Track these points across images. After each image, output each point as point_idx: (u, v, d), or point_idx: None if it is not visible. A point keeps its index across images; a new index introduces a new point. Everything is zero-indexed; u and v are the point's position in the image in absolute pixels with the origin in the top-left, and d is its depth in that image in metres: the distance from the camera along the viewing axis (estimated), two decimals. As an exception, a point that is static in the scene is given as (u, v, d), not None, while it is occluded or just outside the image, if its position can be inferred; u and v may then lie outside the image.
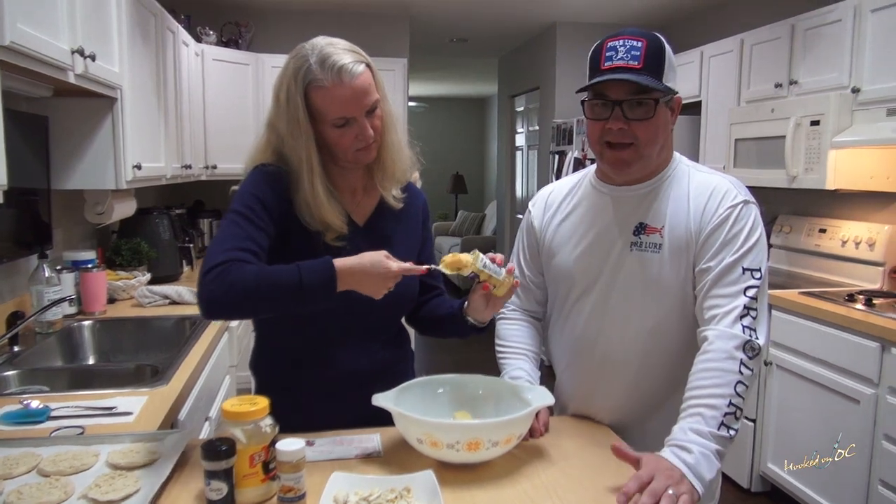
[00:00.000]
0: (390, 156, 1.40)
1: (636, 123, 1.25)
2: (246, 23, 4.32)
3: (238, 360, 2.68)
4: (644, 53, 1.23)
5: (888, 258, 2.99)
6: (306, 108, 1.28)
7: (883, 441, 2.35)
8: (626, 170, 1.31)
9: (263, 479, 1.06)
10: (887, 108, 2.67)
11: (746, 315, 1.21)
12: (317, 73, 1.26)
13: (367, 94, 1.28)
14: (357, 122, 1.29)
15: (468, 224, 9.40)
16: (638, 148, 1.27)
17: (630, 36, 1.25)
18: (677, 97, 1.30)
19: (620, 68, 1.23)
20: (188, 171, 3.35)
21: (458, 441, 1.12)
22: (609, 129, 1.27)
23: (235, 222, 1.26)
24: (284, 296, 1.18)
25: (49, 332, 2.11)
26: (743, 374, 1.18)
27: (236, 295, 1.17)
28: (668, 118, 1.30)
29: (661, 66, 1.25)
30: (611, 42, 1.26)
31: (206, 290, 1.18)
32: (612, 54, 1.25)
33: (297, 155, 1.30)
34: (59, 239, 2.49)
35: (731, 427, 1.15)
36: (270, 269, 1.20)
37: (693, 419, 1.15)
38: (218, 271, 1.17)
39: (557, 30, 5.04)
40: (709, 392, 1.17)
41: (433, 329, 1.52)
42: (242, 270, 1.18)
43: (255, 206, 1.28)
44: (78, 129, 2.27)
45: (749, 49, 3.47)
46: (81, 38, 1.87)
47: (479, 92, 9.85)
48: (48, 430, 1.34)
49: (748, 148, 3.36)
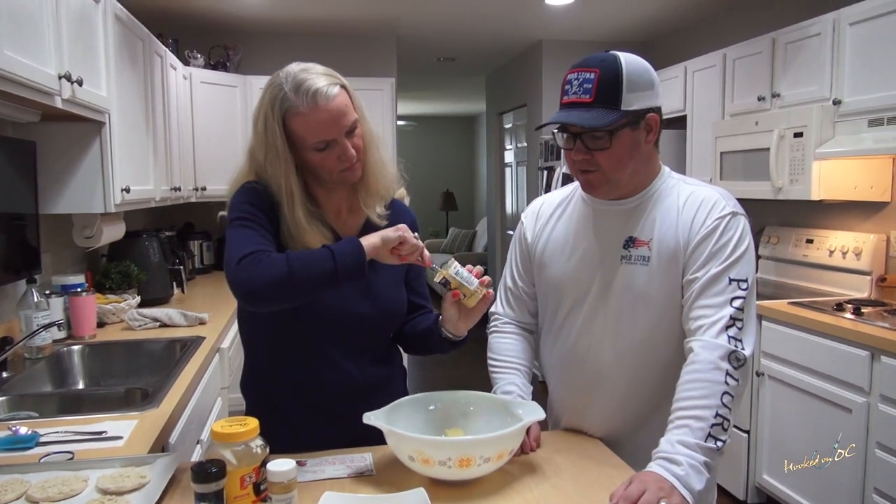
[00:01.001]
0: (372, 174, 1.41)
1: (598, 153, 1.29)
2: (234, 45, 4.34)
3: (230, 382, 2.66)
4: (596, 86, 1.25)
5: (874, 267, 3.02)
6: (285, 135, 1.29)
7: (876, 449, 2.36)
8: (595, 193, 1.36)
9: (255, 500, 1.06)
10: (868, 119, 2.72)
11: (732, 325, 1.22)
12: (293, 99, 1.27)
13: (344, 116, 1.30)
14: (338, 143, 1.30)
15: (459, 241, 9.42)
16: (603, 173, 1.31)
17: (584, 68, 1.27)
18: (651, 116, 1.30)
19: (574, 103, 1.27)
20: (177, 193, 3.35)
21: (450, 458, 1.12)
22: (574, 159, 1.32)
23: (246, 226, 1.27)
24: (321, 278, 1.19)
25: (38, 357, 2.10)
26: (729, 384, 1.19)
27: (273, 278, 1.17)
28: (639, 140, 1.30)
29: (618, 94, 1.25)
30: (570, 74, 1.29)
31: (245, 278, 1.18)
32: (569, 88, 1.28)
33: (276, 182, 1.31)
34: (47, 263, 2.48)
35: (719, 438, 1.16)
36: (301, 252, 1.22)
37: (680, 431, 1.16)
38: (249, 259, 1.18)
39: (543, 47, 5.09)
40: (695, 403, 1.17)
41: (415, 346, 1.52)
42: (273, 257, 1.20)
43: (256, 213, 1.30)
44: (66, 154, 2.28)
45: (732, 63, 3.52)
46: (68, 64, 1.88)
47: (468, 110, 9.92)
48: (37, 455, 1.33)
49: (734, 160, 3.40)
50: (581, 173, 1.34)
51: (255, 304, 1.22)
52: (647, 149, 1.33)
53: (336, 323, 1.35)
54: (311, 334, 1.35)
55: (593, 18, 4.46)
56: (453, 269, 1.28)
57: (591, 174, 1.32)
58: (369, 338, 1.43)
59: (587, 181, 1.34)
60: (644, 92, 1.28)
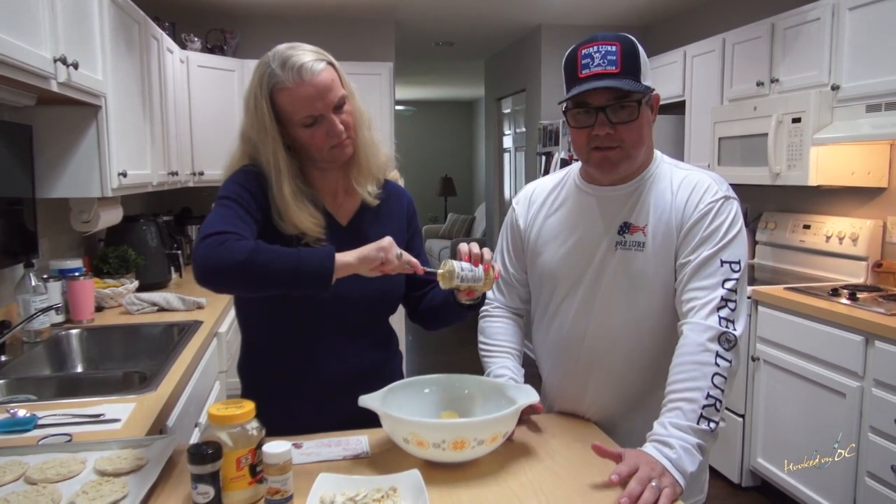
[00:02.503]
0: (364, 153, 1.41)
1: (622, 126, 1.27)
2: (231, 29, 4.32)
3: (227, 366, 2.68)
4: (620, 57, 1.24)
5: (871, 252, 3.03)
6: (273, 112, 1.30)
7: (869, 433, 2.38)
8: (614, 170, 1.32)
9: (250, 482, 1.07)
10: (866, 105, 2.71)
11: (724, 307, 1.23)
12: (279, 75, 1.28)
13: (330, 91, 1.30)
14: (325, 119, 1.30)
15: (458, 226, 9.42)
16: (625, 149, 1.29)
17: (603, 41, 1.26)
18: (655, 95, 1.32)
19: (600, 75, 1.24)
20: (175, 178, 3.34)
21: (444, 440, 1.13)
22: (596, 135, 1.28)
23: (227, 206, 1.26)
24: (279, 275, 1.16)
25: (36, 340, 2.11)
26: (720, 365, 1.19)
27: (231, 262, 1.14)
28: (650, 117, 1.32)
29: (638, 67, 1.26)
30: (585, 49, 1.27)
31: (202, 255, 1.15)
32: (589, 61, 1.25)
33: (265, 158, 1.32)
34: (45, 248, 2.48)
35: (712, 419, 1.17)
36: (269, 247, 1.18)
37: (672, 413, 1.17)
38: (215, 238, 1.16)
39: (542, 32, 5.06)
40: (686, 386, 1.18)
41: (434, 320, 1.51)
42: (240, 242, 1.17)
43: (242, 194, 1.29)
44: (62, 138, 2.27)
45: (731, 48, 3.51)
46: (64, 47, 1.87)
47: (466, 95, 9.87)
48: (35, 438, 1.34)
49: (732, 146, 3.39)
50: (599, 151, 1.29)
51: (206, 283, 1.18)
52: (650, 129, 1.34)
53: (333, 305, 1.35)
54: (307, 317, 1.36)
55: (592, 3, 4.43)
56: (458, 278, 1.25)
57: (613, 151, 1.29)
58: (367, 320, 1.44)
59: (606, 159, 1.30)
60: (649, 71, 1.31)
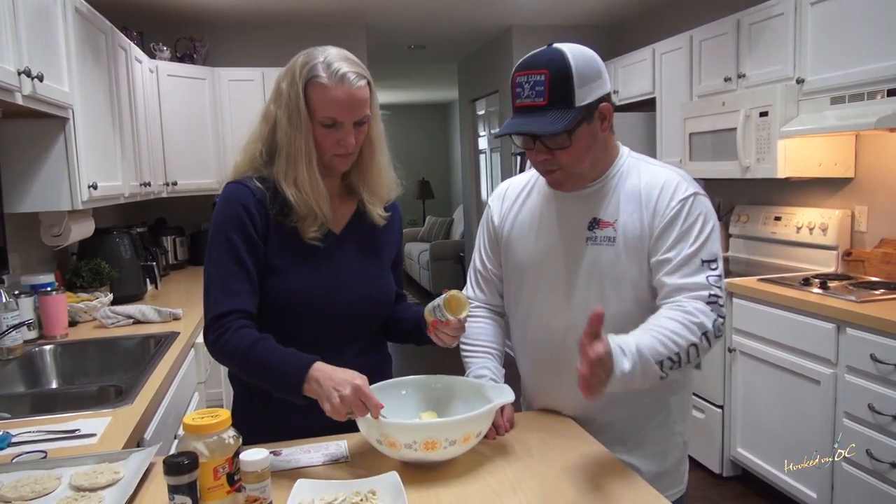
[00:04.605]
0: (381, 177, 1.44)
1: (558, 152, 1.30)
2: (200, 37, 4.29)
3: (206, 377, 2.65)
4: (548, 87, 1.25)
5: (840, 242, 3.09)
6: (306, 101, 1.32)
7: (844, 419, 2.42)
8: (561, 188, 1.38)
9: (229, 490, 1.06)
10: (830, 97, 2.76)
11: (715, 303, 1.26)
12: (321, 71, 1.30)
13: (360, 105, 1.32)
14: (343, 127, 1.32)
15: (436, 229, 9.43)
16: (566, 170, 1.33)
17: (531, 70, 1.27)
18: (603, 105, 1.30)
19: (527, 107, 1.27)
20: (147, 188, 3.31)
21: (415, 441, 1.14)
22: (535, 160, 1.33)
23: (224, 261, 1.31)
24: (261, 380, 1.29)
25: (9, 357, 2.07)
26: (701, 345, 1.22)
27: (229, 358, 1.30)
28: (595, 130, 1.31)
29: (570, 92, 1.25)
30: (518, 77, 1.29)
31: (210, 343, 1.31)
32: (521, 91, 1.28)
33: (295, 144, 1.32)
34: (15, 263, 2.45)
35: (665, 371, 1.18)
36: (257, 356, 1.26)
37: (646, 337, 1.17)
38: (221, 325, 1.28)
39: (513, 33, 5.10)
40: (668, 335, 1.19)
41: (398, 336, 1.52)
42: (238, 337, 1.27)
43: (234, 243, 1.31)
44: (29, 151, 2.24)
45: (698, 45, 3.56)
46: (27, 59, 1.84)
47: (441, 97, 9.90)
48: (9, 456, 1.32)
49: (703, 141, 3.44)
50: (545, 173, 1.36)
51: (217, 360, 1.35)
52: (604, 136, 1.34)
53: (321, 313, 1.36)
54: (296, 326, 1.36)
55: (562, 3, 4.46)
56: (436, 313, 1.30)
57: (555, 173, 1.33)
58: (357, 328, 1.43)
59: (553, 180, 1.36)
60: (594, 83, 1.28)
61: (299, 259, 1.35)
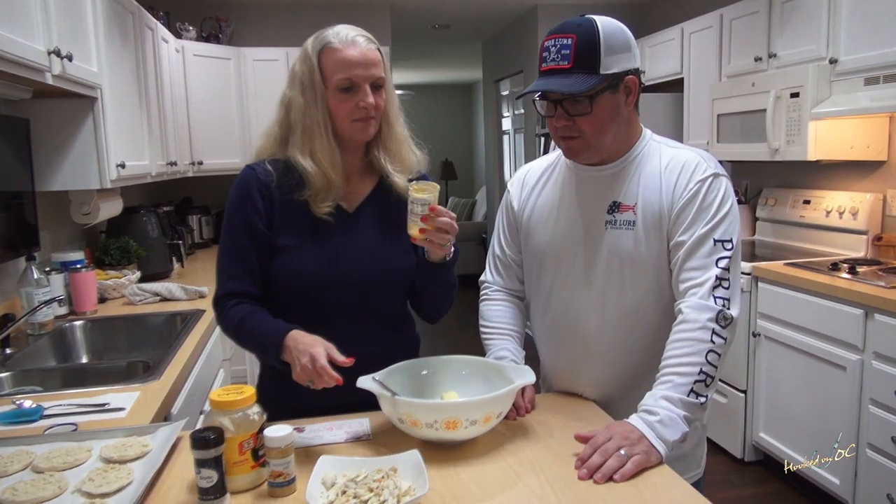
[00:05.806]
0: (402, 147, 1.45)
1: (579, 118, 1.29)
2: (226, 17, 4.30)
3: (231, 354, 2.70)
4: (573, 51, 1.24)
5: (871, 226, 3.03)
6: (319, 71, 1.34)
7: (869, 405, 2.39)
8: (576, 159, 1.37)
9: (253, 465, 1.09)
10: (864, 78, 2.70)
11: (719, 286, 1.24)
12: (331, 38, 1.34)
13: (374, 65, 1.34)
14: (360, 89, 1.33)
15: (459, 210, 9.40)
16: (585, 139, 1.31)
17: (560, 34, 1.27)
18: (630, 78, 1.30)
19: (551, 70, 1.27)
20: (174, 168, 3.35)
21: (437, 420, 1.15)
22: (555, 126, 1.32)
23: (227, 246, 1.38)
24: (255, 353, 1.38)
25: (41, 333, 2.12)
26: (715, 342, 1.21)
27: (227, 332, 1.39)
28: (619, 102, 1.30)
29: (596, 58, 1.25)
30: (546, 41, 1.29)
31: (216, 314, 1.40)
32: (547, 55, 1.28)
33: (311, 116, 1.34)
34: (46, 241, 2.50)
35: (701, 394, 1.19)
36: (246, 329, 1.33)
37: (664, 387, 1.19)
38: (220, 303, 1.37)
39: (538, 12, 5.03)
40: (680, 361, 1.20)
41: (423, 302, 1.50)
42: (232, 311, 1.35)
43: (240, 227, 1.36)
44: (60, 131, 2.27)
45: (728, 24, 3.48)
46: (57, 39, 1.87)
47: (465, 77, 9.81)
48: (41, 428, 1.36)
49: (731, 122, 3.38)
50: (563, 140, 1.34)
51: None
52: (628, 112, 1.33)
53: (329, 288, 1.37)
54: (306, 304, 1.37)
55: (588, -19, 4.39)
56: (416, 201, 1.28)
57: (574, 140, 1.32)
58: (372, 305, 1.43)
59: (569, 148, 1.34)
60: (622, 54, 1.27)
61: (308, 237, 1.37)
